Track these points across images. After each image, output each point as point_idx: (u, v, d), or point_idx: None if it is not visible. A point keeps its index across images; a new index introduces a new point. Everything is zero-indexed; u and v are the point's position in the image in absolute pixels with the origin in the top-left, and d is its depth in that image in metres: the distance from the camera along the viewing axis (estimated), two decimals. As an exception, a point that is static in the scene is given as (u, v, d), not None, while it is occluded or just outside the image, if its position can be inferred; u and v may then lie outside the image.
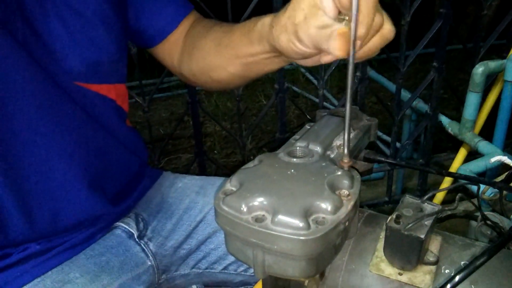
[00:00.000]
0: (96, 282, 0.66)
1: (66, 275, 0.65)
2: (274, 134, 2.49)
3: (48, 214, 0.64)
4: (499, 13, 2.08)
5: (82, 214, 0.68)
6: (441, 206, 0.44)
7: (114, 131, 0.72)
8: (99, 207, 0.70)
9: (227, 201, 0.40)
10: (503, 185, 0.52)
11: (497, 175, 1.35)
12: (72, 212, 0.67)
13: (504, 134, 1.42)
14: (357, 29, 0.41)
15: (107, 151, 0.71)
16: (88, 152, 0.67)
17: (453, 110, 2.36)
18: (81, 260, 0.68)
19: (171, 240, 0.79)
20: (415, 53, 1.44)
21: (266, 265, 0.39)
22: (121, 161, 0.75)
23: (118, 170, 0.74)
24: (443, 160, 1.84)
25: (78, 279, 0.65)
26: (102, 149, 0.70)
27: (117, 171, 0.74)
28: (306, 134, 0.52)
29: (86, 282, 0.65)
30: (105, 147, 0.71)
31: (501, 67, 1.30)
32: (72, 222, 0.68)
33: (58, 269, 0.66)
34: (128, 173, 0.78)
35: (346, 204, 0.40)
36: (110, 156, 0.72)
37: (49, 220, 0.65)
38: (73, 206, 0.66)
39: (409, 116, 1.76)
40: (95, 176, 0.69)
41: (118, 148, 0.74)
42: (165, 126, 2.70)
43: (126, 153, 0.76)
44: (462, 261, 0.43)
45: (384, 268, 0.44)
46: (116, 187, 0.74)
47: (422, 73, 2.76)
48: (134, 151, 0.78)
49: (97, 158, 0.69)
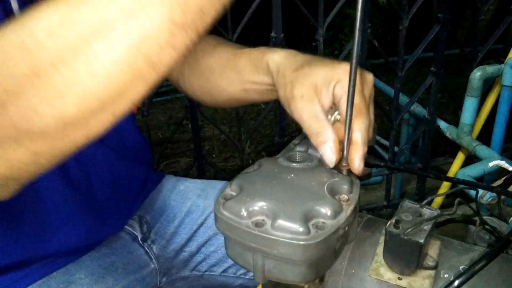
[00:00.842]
0: (101, 283, 0.67)
1: (71, 276, 0.65)
2: (273, 138, 2.49)
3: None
4: (497, 18, 2.09)
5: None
6: (439, 210, 0.44)
7: (124, 135, 0.73)
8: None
9: (227, 206, 0.40)
10: (501, 189, 0.53)
11: (495, 180, 1.36)
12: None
13: (502, 138, 1.43)
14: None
15: (118, 167, 0.71)
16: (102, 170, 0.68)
17: (451, 115, 2.37)
18: (86, 261, 0.68)
19: (173, 243, 0.80)
20: (413, 58, 1.44)
21: (266, 270, 0.40)
22: (131, 172, 0.76)
23: (127, 180, 0.75)
24: (441, 165, 1.84)
25: (82, 280, 0.65)
26: (114, 166, 0.70)
27: (126, 181, 0.74)
28: (305, 139, 0.52)
29: (90, 283, 0.66)
30: (116, 160, 0.71)
31: (499, 71, 1.31)
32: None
33: (63, 270, 0.66)
34: (136, 181, 0.78)
35: (345, 209, 0.40)
36: (121, 171, 0.72)
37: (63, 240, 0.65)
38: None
39: (407, 121, 1.76)
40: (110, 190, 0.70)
41: (130, 160, 0.74)
42: (164, 130, 2.70)
43: (136, 164, 0.76)
44: (461, 265, 0.43)
45: (384, 273, 0.44)
46: (125, 195, 0.75)
47: (420, 78, 2.77)
48: (143, 158, 0.79)
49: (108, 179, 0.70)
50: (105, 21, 0.31)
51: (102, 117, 0.34)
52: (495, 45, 1.54)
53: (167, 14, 0.31)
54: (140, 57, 0.32)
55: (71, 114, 0.33)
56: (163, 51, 0.32)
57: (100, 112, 0.34)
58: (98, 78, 0.32)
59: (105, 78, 0.32)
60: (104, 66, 0.31)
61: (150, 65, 0.32)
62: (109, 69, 0.32)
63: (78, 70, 0.31)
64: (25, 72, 0.31)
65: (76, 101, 0.32)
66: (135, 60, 0.32)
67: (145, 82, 0.34)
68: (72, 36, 0.31)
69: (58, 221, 0.63)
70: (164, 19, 0.31)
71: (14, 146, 0.34)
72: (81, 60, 0.31)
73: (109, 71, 0.32)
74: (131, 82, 0.33)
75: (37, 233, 0.61)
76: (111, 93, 0.33)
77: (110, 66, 0.31)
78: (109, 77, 0.32)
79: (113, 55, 0.31)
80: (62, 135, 0.34)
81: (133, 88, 0.33)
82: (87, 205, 0.66)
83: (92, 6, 0.31)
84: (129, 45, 0.31)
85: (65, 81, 0.31)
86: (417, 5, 1.39)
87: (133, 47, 0.31)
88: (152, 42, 0.31)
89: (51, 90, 0.32)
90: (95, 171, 0.67)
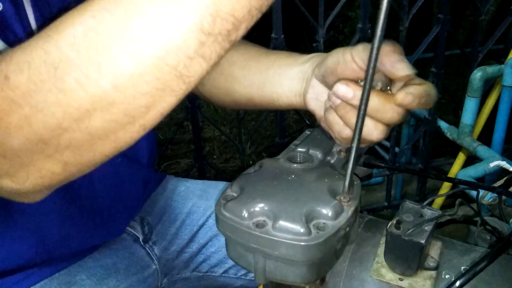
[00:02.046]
0: (103, 284, 0.67)
1: (73, 277, 0.65)
2: (274, 139, 2.49)
3: None
4: (497, 18, 2.09)
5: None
6: (440, 211, 0.44)
7: None
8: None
9: (228, 206, 0.40)
10: (502, 190, 0.53)
11: (496, 180, 1.35)
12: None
13: (503, 139, 1.43)
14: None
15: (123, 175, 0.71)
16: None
17: (451, 115, 2.37)
18: (88, 262, 0.68)
19: (174, 244, 0.80)
20: (414, 58, 1.44)
21: (267, 271, 0.40)
22: (135, 173, 0.76)
23: (131, 182, 0.75)
24: (442, 165, 1.84)
25: (84, 281, 0.65)
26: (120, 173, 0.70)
27: (130, 183, 0.74)
28: (306, 140, 0.52)
29: (92, 284, 0.66)
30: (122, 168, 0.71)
31: (499, 72, 1.31)
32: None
33: (65, 271, 0.66)
34: (140, 182, 0.78)
35: (346, 209, 0.40)
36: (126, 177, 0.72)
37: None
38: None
39: (408, 121, 1.76)
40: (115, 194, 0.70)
41: (134, 162, 0.74)
42: (164, 131, 2.70)
43: (140, 165, 0.76)
44: (462, 266, 0.43)
45: (385, 274, 0.44)
46: (128, 197, 0.75)
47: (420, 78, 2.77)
48: (147, 159, 0.79)
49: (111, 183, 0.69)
50: (130, 32, 0.29)
51: (131, 129, 0.33)
52: (495, 45, 1.54)
53: (196, 22, 0.29)
54: (167, 68, 0.30)
55: (98, 128, 0.32)
56: (192, 62, 0.30)
57: (128, 125, 0.33)
58: (124, 92, 0.31)
59: (131, 91, 0.31)
60: (129, 79, 0.30)
61: (179, 77, 0.31)
62: (135, 82, 0.30)
63: (103, 84, 0.30)
64: (50, 88, 0.31)
65: (103, 115, 0.32)
66: (161, 72, 0.30)
67: (174, 94, 0.32)
68: (97, 48, 0.30)
69: (61, 224, 0.63)
70: (193, 28, 0.29)
71: (44, 159, 0.34)
72: (105, 74, 0.30)
73: (134, 84, 0.30)
74: (159, 95, 0.31)
75: (39, 236, 0.61)
76: (138, 106, 0.32)
77: (136, 79, 0.30)
78: (135, 91, 0.31)
79: (138, 68, 0.30)
80: (90, 147, 0.34)
81: (161, 101, 0.32)
82: (90, 208, 0.66)
83: (117, 17, 0.30)
84: (155, 57, 0.30)
85: (90, 97, 0.31)
86: (417, 6, 1.39)
87: (159, 59, 0.30)
88: (179, 53, 0.30)
89: (76, 106, 0.31)
90: (99, 172, 0.67)
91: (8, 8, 0.45)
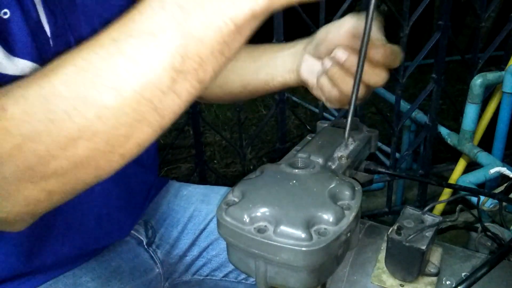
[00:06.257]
0: (107, 286, 0.67)
1: (78, 279, 0.66)
2: (274, 144, 2.49)
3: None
4: (497, 25, 2.09)
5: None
6: (441, 217, 0.44)
7: None
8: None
9: (229, 212, 0.40)
10: (503, 196, 0.53)
11: (497, 186, 1.36)
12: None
13: (503, 145, 1.43)
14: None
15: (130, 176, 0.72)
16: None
17: (452, 121, 2.37)
18: (93, 264, 0.69)
19: (177, 248, 0.80)
20: (414, 64, 1.45)
21: (268, 276, 0.40)
22: (140, 178, 0.76)
23: (136, 186, 0.75)
24: (442, 171, 1.84)
25: (89, 283, 0.66)
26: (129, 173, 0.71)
27: (135, 187, 0.75)
28: (307, 145, 0.52)
29: (97, 286, 0.66)
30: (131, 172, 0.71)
31: (500, 78, 1.31)
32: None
33: (70, 273, 0.66)
34: (144, 186, 0.79)
35: (347, 215, 0.40)
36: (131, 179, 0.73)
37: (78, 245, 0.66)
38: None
39: (409, 127, 1.77)
40: (120, 199, 0.70)
41: (139, 166, 0.74)
42: (165, 135, 2.71)
43: (144, 170, 0.76)
44: (463, 272, 0.43)
45: (386, 280, 0.44)
46: (133, 200, 0.75)
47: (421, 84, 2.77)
48: (151, 163, 0.79)
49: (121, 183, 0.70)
50: (112, 69, 0.33)
51: (111, 158, 0.36)
52: (495, 52, 1.54)
53: (168, 61, 0.33)
54: (143, 101, 0.34)
55: (82, 156, 0.35)
56: (165, 97, 0.34)
57: (109, 154, 0.36)
58: (106, 122, 0.34)
59: (113, 122, 0.34)
60: (112, 111, 0.34)
61: (154, 109, 0.34)
62: (116, 114, 0.34)
63: (88, 116, 0.33)
64: (41, 118, 0.33)
65: (87, 144, 0.34)
66: (138, 105, 0.34)
67: (150, 125, 0.35)
68: (84, 84, 0.33)
69: (66, 228, 0.63)
70: (166, 66, 0.33)
71: (30, 186, 0.36)
72: (91, 106, 0.33)
73: (115, 115, 0.34)
74: (136, 126, 0.35)
75: (45, 239, 0.61)
76: (118, 136, 0.35)
77: (117, 110, 0.34)
78: (116, 121, 0.34)
79: (119, 101, 0.33)
80: (74, 175, 0.37)
81: (139, 131, 0.35)
82: (95, 211, 0.66)
83: (102, 57, 0.33)
84: (134, 91, 0.33)
85: (77, 126, 0.34)
86: (417, 13, 1.40)
87: (137, 92, 0.33)
88: (154, 88, 0.33)
89: (64, 135, 0.34)
90: None
91: None
